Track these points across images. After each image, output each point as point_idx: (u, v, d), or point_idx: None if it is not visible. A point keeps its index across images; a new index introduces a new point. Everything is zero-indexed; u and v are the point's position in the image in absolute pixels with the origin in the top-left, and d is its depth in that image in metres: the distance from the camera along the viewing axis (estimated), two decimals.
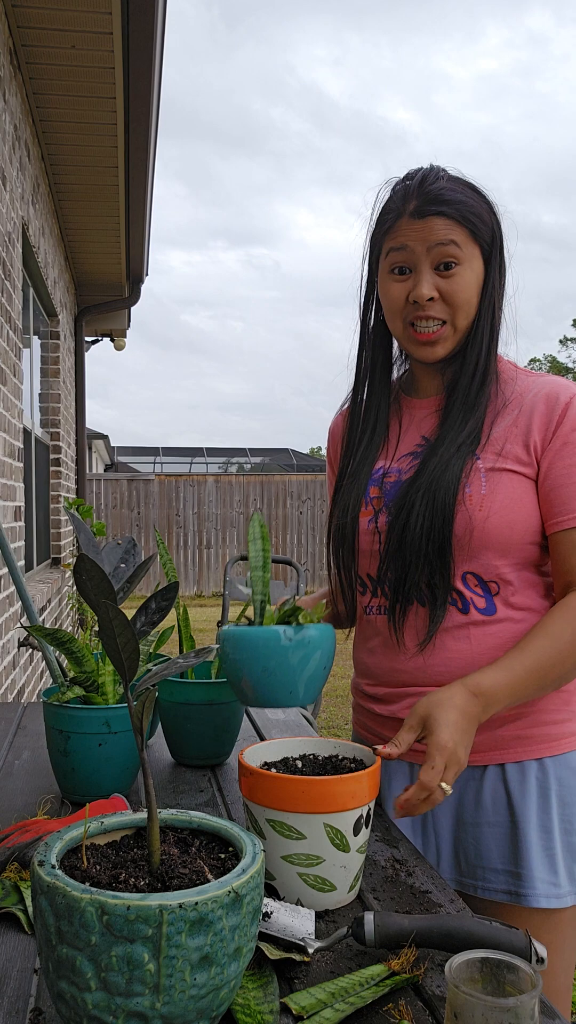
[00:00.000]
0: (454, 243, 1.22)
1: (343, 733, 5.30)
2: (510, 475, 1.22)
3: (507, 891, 1.24)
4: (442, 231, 1.22)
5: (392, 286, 1.27)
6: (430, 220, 1.22)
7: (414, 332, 1.27)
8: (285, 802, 0.94)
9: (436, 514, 1.21)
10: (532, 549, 1.25)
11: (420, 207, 1.23)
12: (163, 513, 13.22)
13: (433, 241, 1.22)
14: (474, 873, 1.27)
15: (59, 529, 6.79)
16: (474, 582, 1.25)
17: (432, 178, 1.24)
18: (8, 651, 3.61)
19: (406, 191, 1.25)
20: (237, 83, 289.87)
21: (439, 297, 1.24)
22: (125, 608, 0.99)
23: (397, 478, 1.31)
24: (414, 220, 1.23)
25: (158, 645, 1.39)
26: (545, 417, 1.23)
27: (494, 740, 1.25)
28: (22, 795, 1.30)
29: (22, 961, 0.86)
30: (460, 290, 1.24)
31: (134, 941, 0.63)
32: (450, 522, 1.21)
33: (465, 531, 1.21)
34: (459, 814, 1.29)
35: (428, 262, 1.23)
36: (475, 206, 1.24)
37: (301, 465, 17.74)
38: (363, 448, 1.37)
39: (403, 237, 1.24)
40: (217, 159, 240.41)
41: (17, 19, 3.70)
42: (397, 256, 1.25)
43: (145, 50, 3.89)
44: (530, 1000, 0.64)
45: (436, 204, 1.22)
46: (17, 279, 4.04)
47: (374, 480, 1.34)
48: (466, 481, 1.22)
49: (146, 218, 6.07)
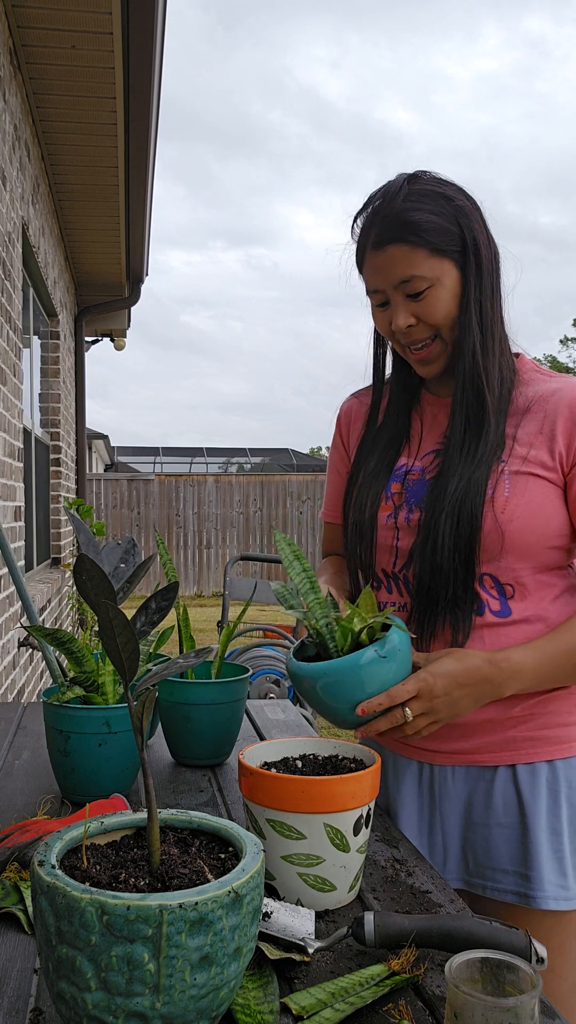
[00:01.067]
0: (415, 276, 1.22)
1: (343, 733, 5.29)
2: (534, 479, 1.22)
3: (516, 892, 1.24)
4: (400, 265, 1.21)
5: (378, 316, 1.30)
6: (388, 250, 1.22)
7: (410, 353, 1.30)
8: (285, 802, 0.94)
9: (465, 521, 1.21)
10: (551, 553, 1.25)
11: (378, 238, 1.23)
12: (163, 513, 13.21)
13: (395, 279, 1.23)
14: (483, 873, 1.27)
15: (59, 529, 6.79)
16: (490, 584, 1.24)
17: (389, 199, 1.23)
18: (8, 651, 3.61)
19: (367, 221, 1.26)
20: (236, 85, 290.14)
21: (417, 322, 1.25)
22: (125, 608, 0.99)
23: (420, 476, 1.30)
24: (376, 252, 1.24)
25: (158, 645, 1.39)
26: (570, 423, 1.23)
27: (505, 741, 1.25)
28: (22, 795, 1.30)
29: (22, 961, 0.86)
30: (435, 311, 1.24)
31: (134, 941, 0.63)
32: (478, 527, 1.20)
33: (489, 533, 1.21)
34: (468, 814, 1.29)
35: (399, 294, 1.24)
36: (436, 219, 1.21)
37: (301, 465, 17.74)
38: (383, 445, 1.37)
39: (371, 277, 1.26)
40: (215, 161, 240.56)
41: (17, 19, 3.70)
42: (374, 295, 1.28)
43: (145, 50, 3.89)
44: (530, 1000, 0.64)
45: (393, 230, 1.21)
46: (17, 279, 4.04)
47: (396, 476, 1.33)
48: (492, 483, 1.22)
49: (146, 218, 6.07)
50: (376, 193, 1.26)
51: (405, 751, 1.33)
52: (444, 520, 1.22)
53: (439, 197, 1.24)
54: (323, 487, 13.73)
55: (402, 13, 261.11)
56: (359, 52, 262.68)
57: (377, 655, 1.08)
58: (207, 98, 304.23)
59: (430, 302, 1.23)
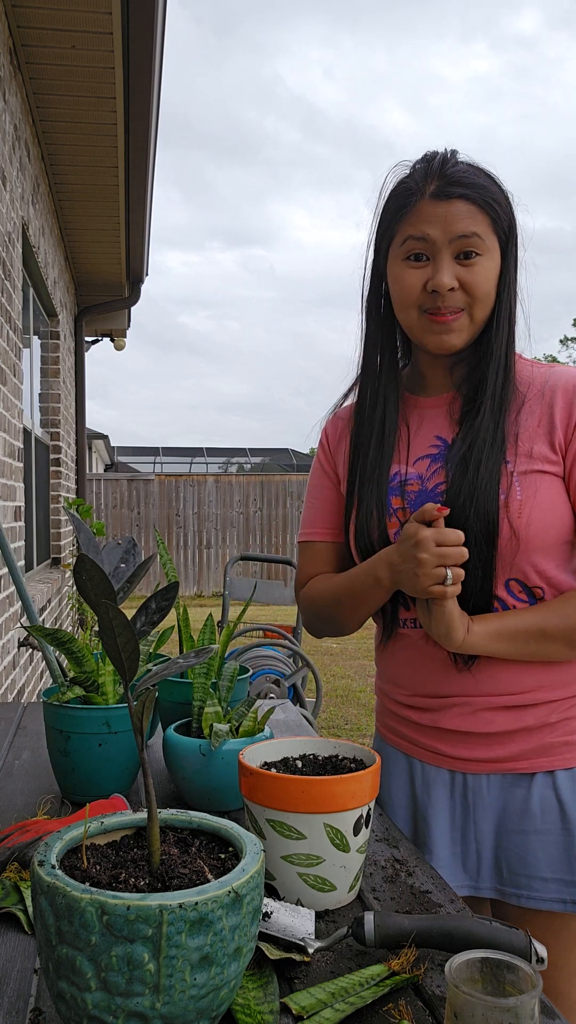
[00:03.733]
0: (476, 235, 1.17)
1: (343, 733, 5.29)
2: (541, 476, 1.19)
3: (560, 900, 1.21)
4: (465, 220, 1.16)
5: (407, 273, 1.21)
6: (453, 203, 1.16)
7: (430, 318, 1.20)
8: (285, 802, 0.94)
9: (480, 530, 1.17)
10: (567, 547, 1.22)
11: (442, 188, 1.16)
12: (163, 513, 13.21)
13: (455, 232, 1.16)
14: (517, 882, 1.23)
15: (59, 529, 6.79)
16: (517, 588, 1.22)
17: (452, 160, 1.19)
18: (8, 651, 3.61)
19: (427, 171, 1.19)
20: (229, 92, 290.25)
21: (459, 287, 1.18)
22: (125, 608, 0.99)
23: (420, 486, 1.25)
24: (436, 202, 1.17)
25: (158, 645, 1.39)
26: (565, 412, 1.20)
27: (543, 747, 1.23)
28: (22, 795, 1.30)
29: (22, 961, 0.86)
30: (481, 280, 1.18)
31: (134, 941, 0.63)
32: (494, 536, 1.17)
33: (508, 541, 1.17)
34: (502, 822, 1.25)
35: (449, 251, 1.17)
36: (496, 193, 1.19)
37: (301, 465, 17.73)
38: (373, 451, 1.30)
39: (423, 224, 1.18)
40: (212, 167, 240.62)
41: (17, 19, 3.69)
42: (415, 244, 1.19)
43: (145, 50, 3.89)
44: (530, 1000, 0.64)
45: (459, 186, 1.16)
46: (17, 279, 4.04)
47: (393, 489, 1.28)
48: (504, 488, 1.18)
49: (146, 218, 6.07)
50: (431, 153, 1.21)
51: (436, 760, 1.30)
52: (460, 516, 1.18)
53: (492, 178, 1.21)
54: None
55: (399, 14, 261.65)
56: (353, 55, 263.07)
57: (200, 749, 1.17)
58: (200, 105, 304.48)
59: (478, 270, 1.18)
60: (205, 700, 1.25)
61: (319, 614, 1.38)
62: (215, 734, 1.17)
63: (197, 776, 1.18)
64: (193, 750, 1.18)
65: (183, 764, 1.19)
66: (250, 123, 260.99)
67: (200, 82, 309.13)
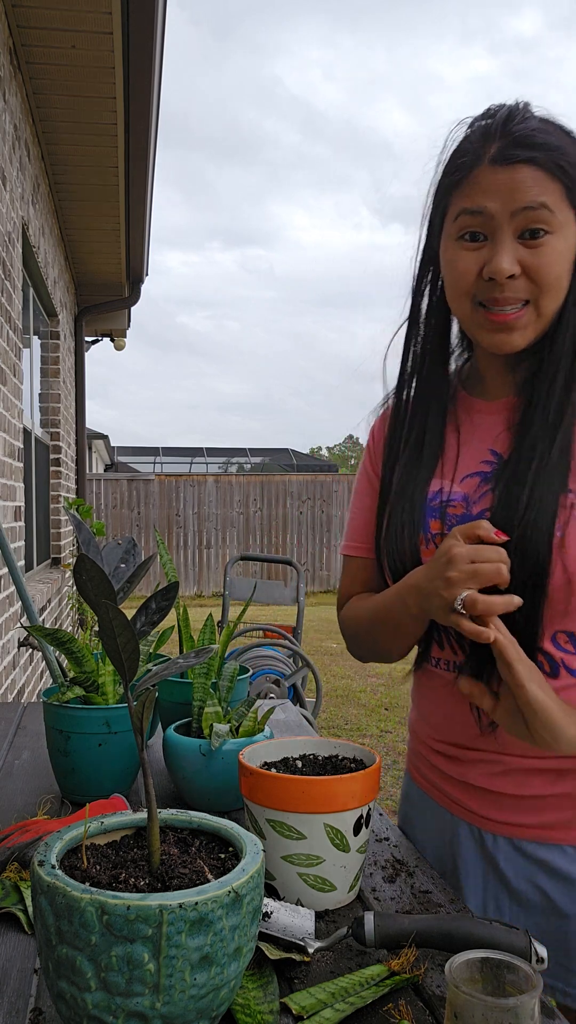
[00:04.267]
0: (545, 207, 0.96)
1: (343, 733, 5.29)
2: None
3: None
4: (531, 189, 0.96)
5: (461, 255, 1.01)
6: (517, 168, 0.96)
7: (487, 314, 1.01)
8: (285, 802, 0.94)
9: (528, 573, 0.97)
10: None
11: (504, 151, 0.97)
12: (163, 513, 13.21)
13: (519, 204, 0.96)
14: (554, 972, 1.07)
15: (59, 529, 6.79)
16: (565, 640, 1.02)
17: (520, 117, 0.98)
18: (8, 651, 3.61)
19: (486, 130, 0.99)
20: (229, 94, 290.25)
21: (522, 273, 0.98)
22: (125, 608, 0.99)
23: (464, 511, 1.06)
24: (496, 168, 0.97)
25: (158, 645, 1.39)
26: None
27: None
28: (22, 795, 1.30)
29: (22, 961, 0.86)
30: (550, 264, 0.97)
31: (134, 941, 0.63)
32: (544, 581, 0.97)
33: (561, 587, 0.98)
34: (538, 897, 1.10)
35: (511, 228, 0.98)
36: (573, 155, 0.98)
37: (301, 465, 17.75)
38: (410, 460, 1.12)
39: (481, 195, 0.98)
40: (211, 167, 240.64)
41: (17, 19, 3.70)
42: (470, 219, 0.99)
43: (145, 50, 3.89)
44: (530, 1000, 0.64)
45: (525, 148, 0.96)
46: (17, 279, 4.04)
47: (432, 510, 1.08)
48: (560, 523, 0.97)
49: (146, 218, 6.07)
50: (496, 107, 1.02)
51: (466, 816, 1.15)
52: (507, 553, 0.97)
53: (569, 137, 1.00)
54: (323, 487, 13.72)
55: (399, 14, 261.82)
56: (353, 56, 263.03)
57: (200, 749, 1.18)
58: (200, 106, 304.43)
59: (546, 252, 0.97)
60: (205, 700, 1.25)
61: (356, 638, 1.24)
62: (215, 734, 1.17)
63: (197, 776, 1.19)
64: (193, 750, 1.18)
65: (183, 764, 1.19)
66: (250, 124, 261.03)
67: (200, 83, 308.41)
